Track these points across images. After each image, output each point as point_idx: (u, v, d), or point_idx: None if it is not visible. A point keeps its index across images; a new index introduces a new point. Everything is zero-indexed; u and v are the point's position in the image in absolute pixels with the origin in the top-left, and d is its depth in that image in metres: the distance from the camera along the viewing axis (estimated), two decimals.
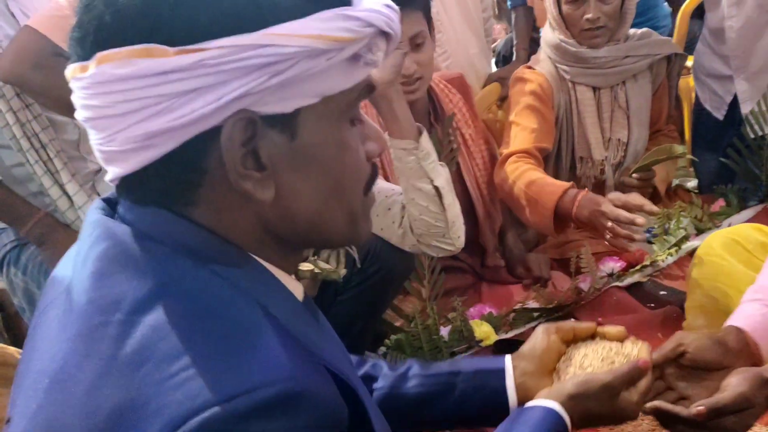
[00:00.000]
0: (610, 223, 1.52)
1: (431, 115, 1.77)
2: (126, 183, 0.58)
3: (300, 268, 1.19)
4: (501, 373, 0.89)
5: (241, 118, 0.54)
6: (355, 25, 0.56)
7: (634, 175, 1.85)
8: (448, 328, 1.59)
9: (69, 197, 1.52)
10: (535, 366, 0.89)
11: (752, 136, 2.03)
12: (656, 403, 0.92)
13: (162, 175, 0.56)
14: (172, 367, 0.49)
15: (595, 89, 1.91)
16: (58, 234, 1.53)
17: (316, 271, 1.18)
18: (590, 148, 1.92)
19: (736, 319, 1.07)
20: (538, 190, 1.68)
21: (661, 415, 0.93)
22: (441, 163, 1.35)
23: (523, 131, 1.81)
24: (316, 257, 1.20)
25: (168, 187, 0.57)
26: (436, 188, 1.30)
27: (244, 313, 0.54)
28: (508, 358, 0.90)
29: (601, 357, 0.89)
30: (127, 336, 0.51)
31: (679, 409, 0.90)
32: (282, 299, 0.60)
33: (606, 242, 1.61)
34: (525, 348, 0.92)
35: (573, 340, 0.93)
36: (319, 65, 0.55)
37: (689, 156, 1.97)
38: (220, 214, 0.58)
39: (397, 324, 1.61)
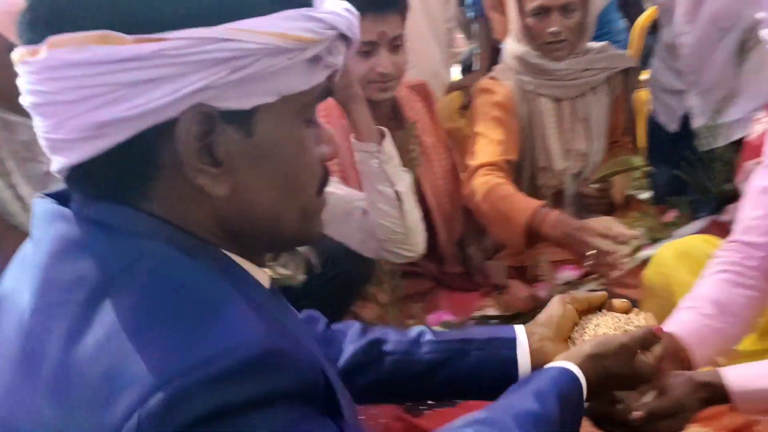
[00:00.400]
0: (590, 252, 1.54)
1: (392, 121, 1.78)
2: (76, 175, 0.57)
3: None
4: (512, 342, 0.89)
5: (198, 112, 0.54)
6: (318, 26, 0.56)
7: (592, 185, 1.90)
8: None
9: (22, 200, 1.48)
10: (553, 332, 0.90)
11: (704, 149, 2.09)
12: (592, 404, 0.94)
13: (113, 167, 0.55)
14: (143, 339, 0.49)
15: (556, 101, 1.94)
16: (9, 237, 1.49)
17: (275, 276, 1.18)
18: (551, 159, 1.95)
19: (670, 326, 1.11)
20: (509, 205, 1.70)
21: (595, 417, 0.94)
22: (405, 169, 1.37)
23: (490, 143, 1.83)
24: (274, 262, 1.19)
25: (121, 180, 0.56)
26: (398, 193, 1.31)
27: (214, 284, 0.54)
28: (520, 328, 0.90)
29: (613, 327, 0.91)
30: (91, 315, 0.51)
31: (618, 411, 0.93)
32: (248, 283, 0.60)
33: (585, 264, 1.62)
34: (541, 317, 0.93)
35: (585, 311, 0.94)
36: (280, 63, 0.55)
37: (646, 168, 2.02)
38: (176, 208, 0.57)
39: None
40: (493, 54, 2.65)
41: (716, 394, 0.97)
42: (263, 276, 0.64)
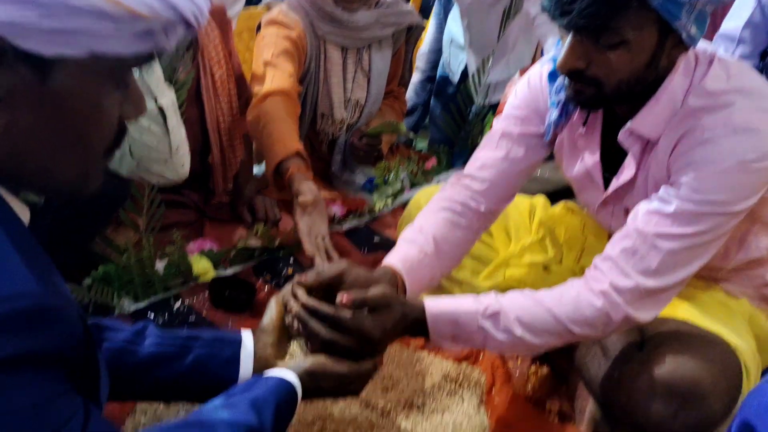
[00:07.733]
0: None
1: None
2: None
3: None
4: (238, 344, 0.91)
5: None
6: (159, 4, 0.56)
7: (364, 140, 1.96)
8: (165, 261, 1.53)
9: None
10: (276, 337, 0.94)
11: (467, 106, 2.26)
12: (305, 301, 0.96)
13: None
14: None
15: (342, 49, 1.94)
16: None
17: None
18: (333, 107, 1.96)
19: (393, 257, 1.16)
20: (274, 140, 1.63)
21: (303, 316, 0.95)
22: (169, 84, 1.28)
23: (282, 73, 1.77)
24: None
25: None
26: (161, 108, 1.23)
27: None
28: (247, 332, 0.93)
29: None
30: None
31: (324, 305, 0.95)
32: (9, 219, 0.58)
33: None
34: (265, 321, 0.96)
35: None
36: (104, 29, 0.54)
37: (410, 134, 2.11)
38: None
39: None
40: None
41: (419, 325, 1.02)
42: (23, 210, 0.62)
